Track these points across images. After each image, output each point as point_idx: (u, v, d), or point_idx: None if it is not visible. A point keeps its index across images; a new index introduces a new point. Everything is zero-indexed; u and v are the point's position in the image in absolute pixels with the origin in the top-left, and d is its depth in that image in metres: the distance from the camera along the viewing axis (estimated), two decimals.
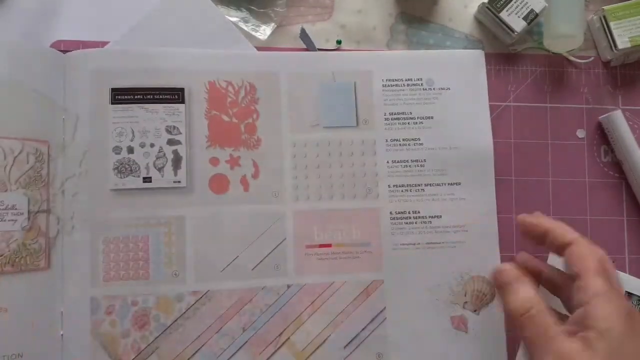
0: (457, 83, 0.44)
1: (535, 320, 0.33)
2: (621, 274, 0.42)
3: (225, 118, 0.43)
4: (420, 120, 0.44)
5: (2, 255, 0.38)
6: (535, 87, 0.47)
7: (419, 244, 0.43)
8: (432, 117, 0.44)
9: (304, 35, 0.45)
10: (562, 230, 0.36)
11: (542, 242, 0.37)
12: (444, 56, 0.45)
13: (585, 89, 0.47)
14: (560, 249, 0.36)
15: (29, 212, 0.39)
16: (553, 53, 0.47)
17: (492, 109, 0.45)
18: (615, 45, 0.45)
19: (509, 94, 0.46)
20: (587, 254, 0.34)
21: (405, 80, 0.44)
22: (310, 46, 0.45)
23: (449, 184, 0.44)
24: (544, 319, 0.33)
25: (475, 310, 0.43)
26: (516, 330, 0.34)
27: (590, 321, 0.31)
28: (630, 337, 0.31)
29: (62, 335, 0.39)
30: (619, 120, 0.44)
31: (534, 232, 0.38)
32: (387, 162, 0.44)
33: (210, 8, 0.44)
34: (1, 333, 0.37)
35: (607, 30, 0.45)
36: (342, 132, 0.44)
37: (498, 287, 0.37)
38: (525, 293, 0.35)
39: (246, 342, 0.41)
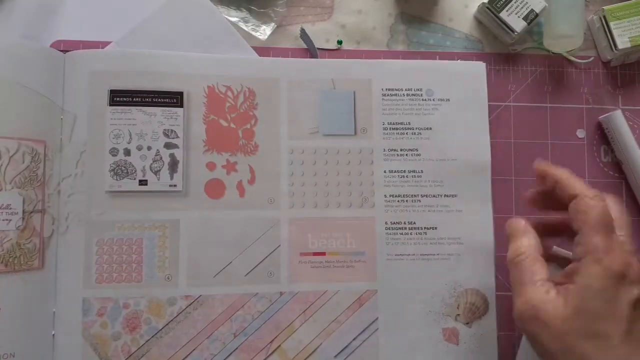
0: (457, 94, 0.44)
1: (521, 266, 0.34)
2: None
3: (224, 123, 0.43)
4: (419, 131, 0.44)
5: None
6: (535, 87, 0.46)
7: (413, 254, 0.43)
8: (430, 128, 0.44)
9: (304, 35, 0.45)
10: (569, 182, 0.36)
11: (552, 193, 0.37)
12: (445, 67, 0.45)
13: (585, 89, 0.47)
14: (566, 201, 0.36)
15: (23, 211, 0.39)
16: (553, 53, 0.47)
17: (492, 109, 0.45)
18: (615, 45, 0.45)
19: (509, 94, 0.46)
20: (587, 210, 0.34)
21: (405, 90, 0.44)
22: (310, 46, 0.45)
23: (445, 195, 0.43)
24: (530, 267, 0.34)
25: (467, 323, 0.42)
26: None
27: (575, 277, 0.32)
28: (604, 299, 0.31)
29: (53, 335, 0.40)
30: (619, 120, 0.44)
31: (546, 181, 0.37)
32: (384, 171, 0.43)
33: (212, 11, 0.44)
34: None
35: (607, 30, 0.45)
36: (340, 140, 0.43)
37: (508, 237, 0.37)
38: (522, 242, 0.36)
39: (237, 348, 0.41)
